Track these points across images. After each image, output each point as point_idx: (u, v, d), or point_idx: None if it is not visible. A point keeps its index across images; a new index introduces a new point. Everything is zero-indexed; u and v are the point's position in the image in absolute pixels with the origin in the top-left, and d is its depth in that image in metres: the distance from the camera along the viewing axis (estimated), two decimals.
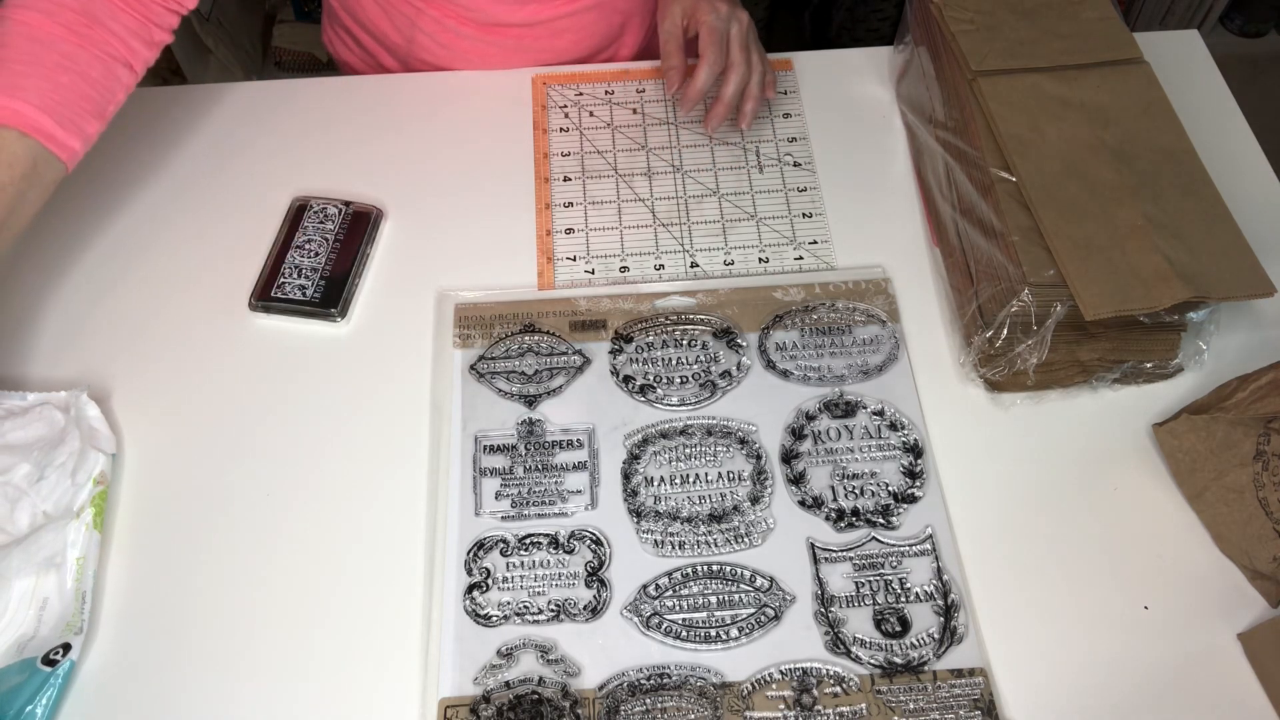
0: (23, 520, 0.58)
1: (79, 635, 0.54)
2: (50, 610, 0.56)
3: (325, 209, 0.72)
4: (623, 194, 0.75)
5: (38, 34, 0.58)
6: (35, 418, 0.61)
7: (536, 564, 0.59)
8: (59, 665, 0.53)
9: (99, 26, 0.60)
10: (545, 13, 0.81)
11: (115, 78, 0.61)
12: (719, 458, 0.62)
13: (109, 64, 0.61)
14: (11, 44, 0.58)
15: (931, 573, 0.58)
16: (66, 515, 0.57)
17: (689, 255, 0.71)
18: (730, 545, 0.59)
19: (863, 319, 0.68)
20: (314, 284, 0.68)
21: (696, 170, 0.76)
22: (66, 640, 0.54)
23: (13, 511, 0.58)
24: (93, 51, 0.60)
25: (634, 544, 0.59)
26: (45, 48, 0.58)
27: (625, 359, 0.66)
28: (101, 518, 0.59)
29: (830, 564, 0.58)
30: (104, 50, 0.60)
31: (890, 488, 0.61)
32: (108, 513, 0.60)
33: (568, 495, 0.61)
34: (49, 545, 0.56)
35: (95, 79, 0.60)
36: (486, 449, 0.63)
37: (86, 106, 0.59)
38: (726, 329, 0.67)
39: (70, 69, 0.59)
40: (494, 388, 0.65)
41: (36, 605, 0.56)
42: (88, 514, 0.58)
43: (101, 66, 0.60)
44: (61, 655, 0.53)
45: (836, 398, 0.65)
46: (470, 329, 0.67)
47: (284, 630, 0.57)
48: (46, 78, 0.58)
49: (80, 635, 0.54)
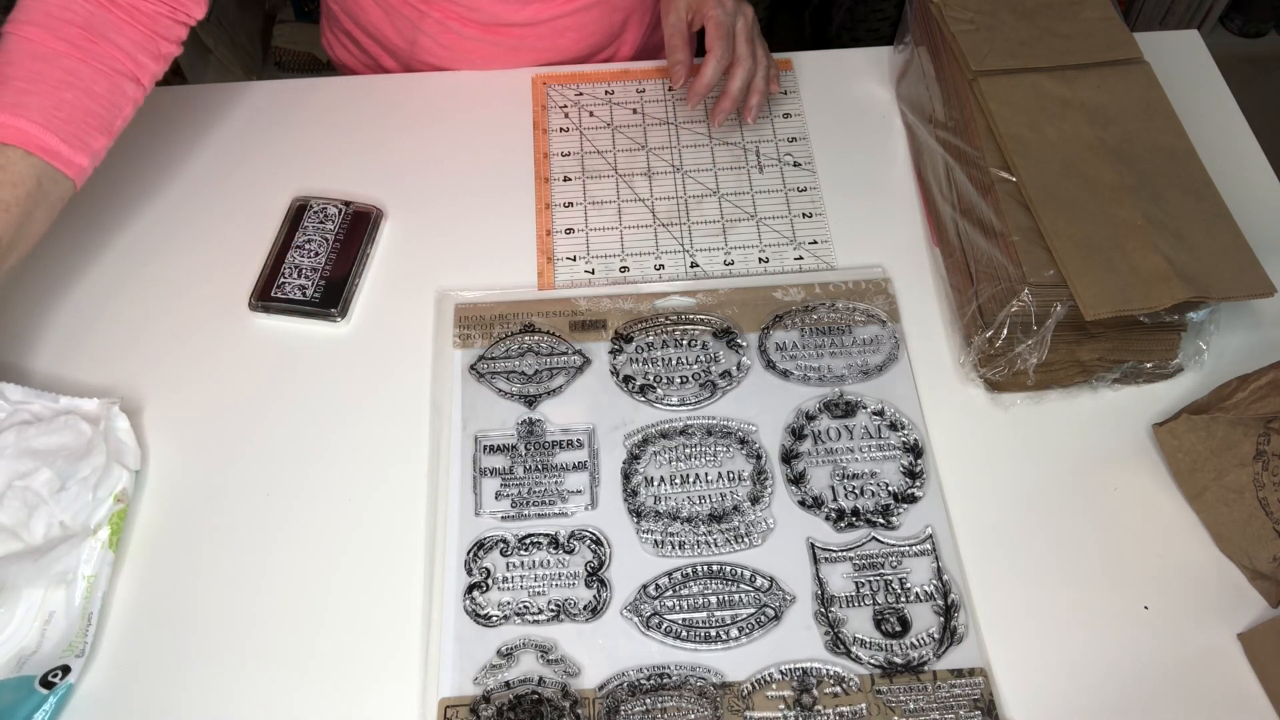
0: (39, 529, 0.57)
1: (80, 659, 0.53)
2: (55, 626, 0.54)
3: (325, 209, 0.72)
4: (623, 194, 0.75)
5: (41, 50, 0.58)
6: (62, 425, 0.60)
7: (536, 564, 0.59)
8: (56, 688, 0.52)
9: (104, 41, 0.60)
10: (547, 11, 0.81)
11: (121, 92, 0.61)
12: (719, 458, 0.62)
13: (114, 79, 0.61)
14: (14, 61, 0.58)
15: (931, 573, 0.58)
16: (84, 531, 0.57)
17: (689, 255, 0.71)
18: (730, 545, 0.59)
19: (863, 319, 0.68)
20: (314, 284, 0.68)
21: (696, 170, 0.76)
22: (66, 662, 0.53)
23: (30, 518, 0.57)
24: (97, 67, 0.60)
25: (634, 544, 0.59)
26: (48, 64, 0.58)
27: (625, 359, 0.66)
28: (118, 537, 0.58)
29: (830, 564, 0.58)
30: (109, 65, 0.60)
31: (890, 488, 0.61)
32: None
33: (568, 495, 0.61)
34: (63, 560, 0.55)
35: (100, 94, 0.60)
36: (486, 449, 0.63)
37: (92, 122, 0.59)
38: (726, 329, 0.67)
39: (74, 85, 0.58)
40: (494, 388, 0.65)
41: (42, 619, 0.55)
42: (104, 532, 0.57)
43: (107, 82, 0.60)
44: (60, 678, 0.52)
45: (836, 398, 0.65)
46: (470, 329, 0.67)
47: (284, 630, 0.57)
48: (50, 95, 0.57)
49: (81, 659, 0.53)
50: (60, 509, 0.57)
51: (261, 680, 0.55)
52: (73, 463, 0.58)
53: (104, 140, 0.61)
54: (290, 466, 0.62)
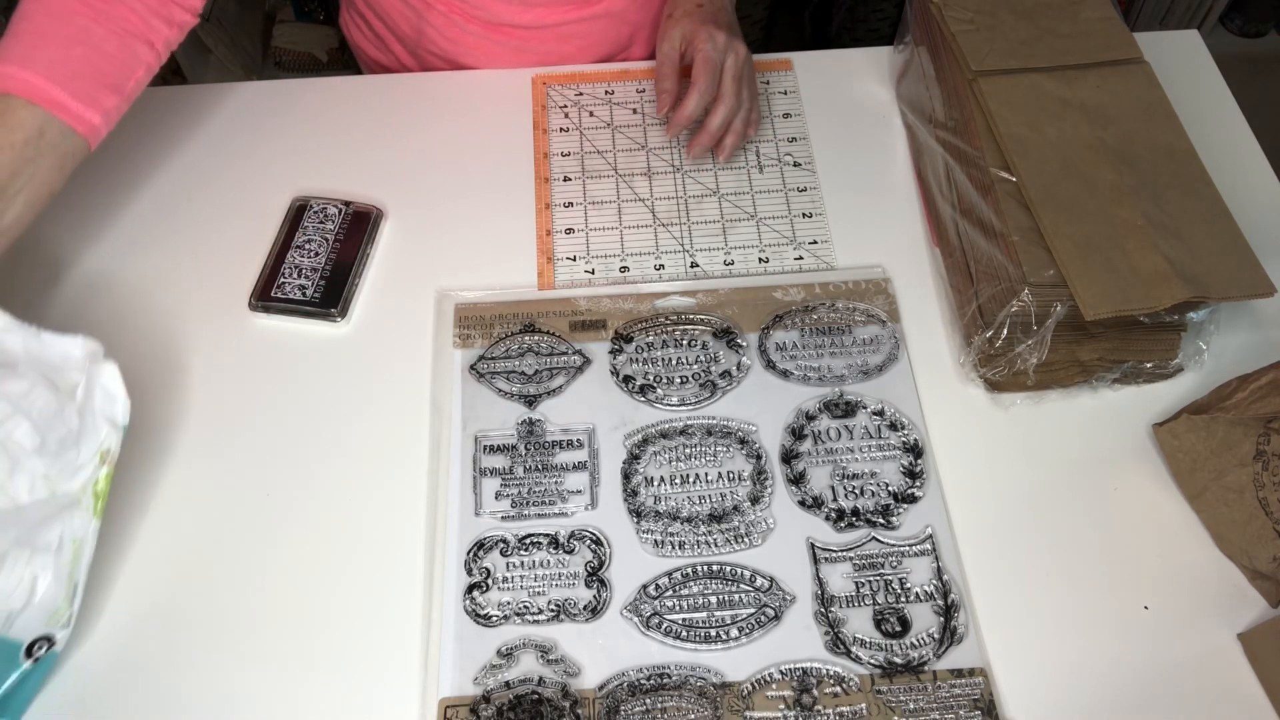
0: (22, 485, 0.54)
1: (65, 629, 0.53)
2: (41, 588, 0.54)
3: (325, 209, 0.72)
4: (623, 194, 0.75)
5: (53, 8, 0.59)
6: (37, 376, 0.54)
7: (536, 564, 0.59)
8: (40, 658, 0.52)
9: (116, 3, 0.61)
10: (552, 17, 0.81)
11: (133, 53, 0.62)
12: (719, 458, 0.62)
13: (126, 39, 0.61)
14: (28, 16, 0.59)
15: (931, 573, 0.58)
16: (68, 495, 0.55)
17: (689, 255, 0.71)
18: (730, 545, 0.59)
19: (863, 319, 0.68)
20: (314, 284, 0.68)
21: (697, 170, 0.76)
22: (50, 632, 0.53)
23: (13, 472, 0.54)
24: (109, 26, 0.60)
25: (634, 544, 0.59)
26: (60, 21, 0.59)
27: (625, 359, 0.66)
28: (103, 503, 0.55)
29: (830, 564, 0.58)
30: (121, 25, 0.61)
31: (890, 488, 0.61)
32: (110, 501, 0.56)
33: (568, 495, 0.61)
34: (47, 526, 0.54)
35: (111, 53, 0.60)
36: (486, 449, 0.63)
37: (103, 80, 0.60)
38: (726, 329, 0.67)
39: (84, 42, 0.59)
40: (494, 388, 0.65)
41: (29, 581, 0.54)
42: (88, 499, 0.55)
43: (118, 41, 0.61)
44: (44, 650, 0.52)
45: (836, 398, 0.65)
46: (470, 329, 0.67)
47: (284, 630, 0.57)
48: (59, 50, 0.58)
49: (66, 629, 0.53)
50: (44, 464, 0.54)
51: (261, 680, 0.55)
52: (53, 417, 0.54)
53: (115, 100, 0.61)
54: (290, 467, 0.62)
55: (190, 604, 0.57)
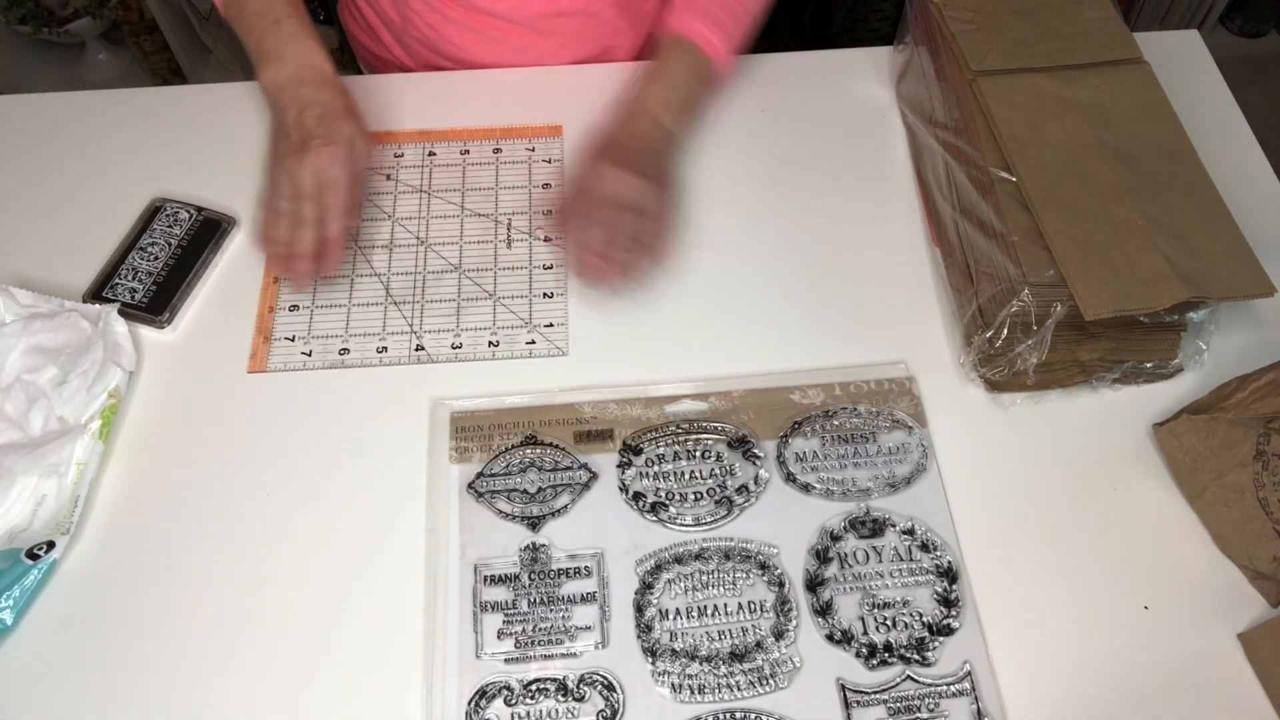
0: (36, 421, 0.60)
1: (65, 536, 0.57)
2: (46, 507, 0.58)
3: (178, 213, 0.71)
4: (359, 268, 0.70)
5: None
6: (64, 324, 0.63)
7: (544, 714, 0.54)
8: (41, 560, 0.56)
9: None
10: (527, 9, 0.81)
11: None
12: (738, 585, 0.58)
13: None
14: None
15: (971, 715, 0.54)
16: (78, 426, 0.60)
17: (416, 337, 0.67)
18: (754, 688, 0.54)
19: (887, 425, 0.63)
20: (145, 288, 0.68)
21: (440, 245, 0.72)
22: (52, 538, 0.57)
23: (29, 410, 0.60)
24: None
25: (649, 688, 0.54)
26: None
27: (635, 473, 0.62)
28: (108, 429, 0.61)
29: (863, 708, 0.54)
30: None
31: (924, 618, 0.57)
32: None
33: (576, 633, 0.56)
34: (57, 453, 0.58)
35: None
36: (487, 580, 0.58)
37: None
38: (742, 437, 0.63)
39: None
40: (494, 509, 0.60)
41: (34, 500, 0.58)
42: (95, 424, 0.60)
43: None
44: (45, 552, 0.56)
45: (863, 514, 0.60)
46: (468, 440, 0.62)
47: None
48: None
49: (67, 536, 0.57)
50: (61, 403, 0.60)
51: None
52: (74, 358, 0.62)
53: None
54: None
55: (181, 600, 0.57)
